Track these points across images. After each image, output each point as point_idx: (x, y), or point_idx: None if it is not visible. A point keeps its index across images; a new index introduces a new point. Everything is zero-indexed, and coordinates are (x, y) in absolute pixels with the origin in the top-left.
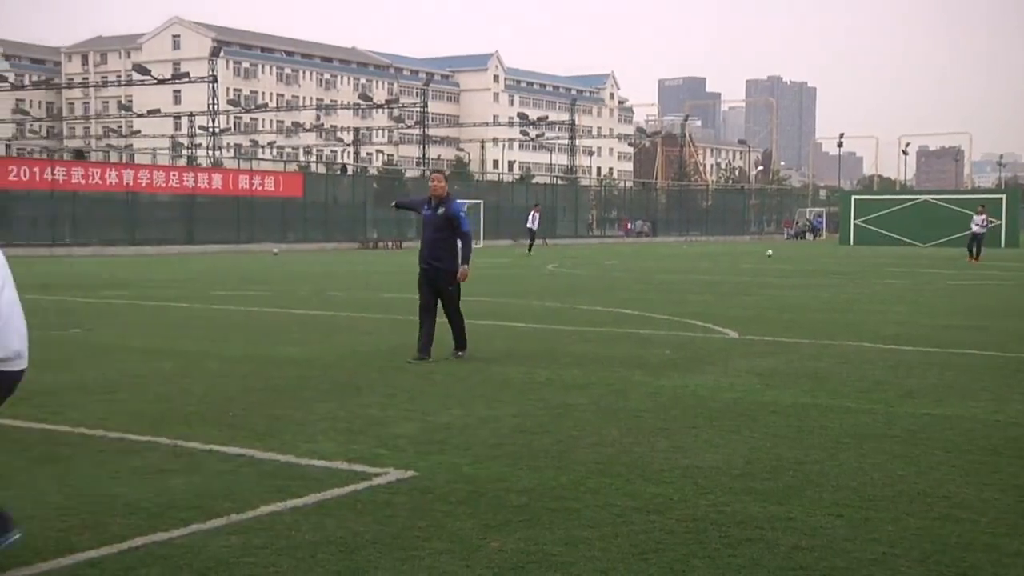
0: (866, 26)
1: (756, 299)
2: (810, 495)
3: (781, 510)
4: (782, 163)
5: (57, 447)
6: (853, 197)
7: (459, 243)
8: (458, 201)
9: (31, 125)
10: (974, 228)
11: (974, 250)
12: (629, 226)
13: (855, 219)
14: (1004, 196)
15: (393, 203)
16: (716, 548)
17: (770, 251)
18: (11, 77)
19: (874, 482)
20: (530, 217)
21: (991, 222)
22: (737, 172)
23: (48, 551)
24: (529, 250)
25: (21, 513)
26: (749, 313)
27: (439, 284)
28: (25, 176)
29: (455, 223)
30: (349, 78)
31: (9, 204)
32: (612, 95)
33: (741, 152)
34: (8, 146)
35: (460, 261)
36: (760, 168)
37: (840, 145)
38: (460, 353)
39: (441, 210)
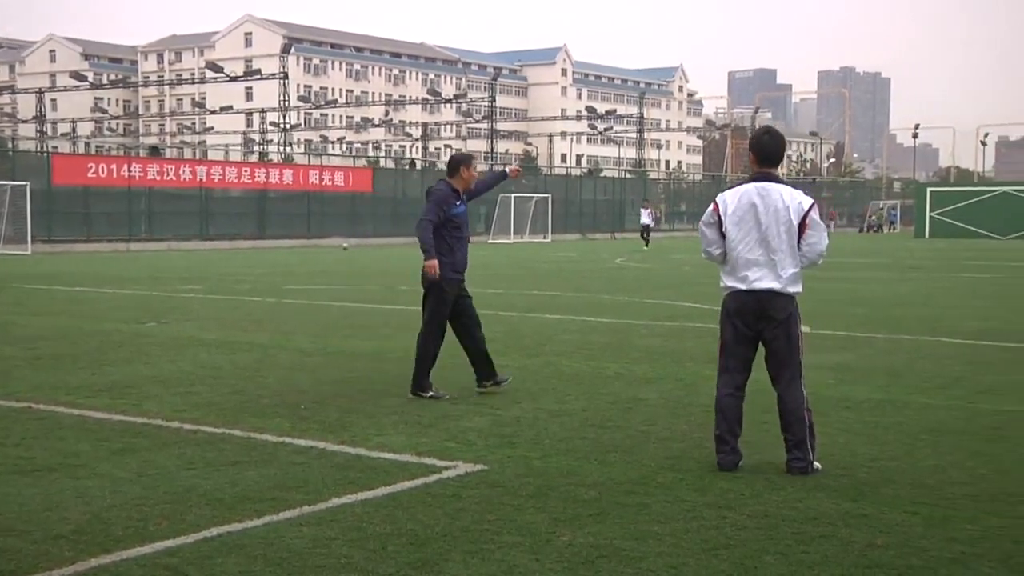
0: (942, 12)
1: (828, 293)
2: (886, 492)
3: (855, 507)
4: (855, 155)
5: (135, 438)
6: (929, 189)
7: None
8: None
9: (109, 123)
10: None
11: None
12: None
13: (931, 211)
14: None
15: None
16: (788, 544)
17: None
18: (90, 76)
19: (953, 480)
20: (643, 213)
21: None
22: (808, 164)
23: (128, 539)
24: (646, 244)
25: (101, 503)
26: (820, 308)
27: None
28: (103, 173)
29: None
30: (417, 73)
31: (88, 200)
32: (681, 88)
33: (813, 144)
34: (87, 144)
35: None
36: (832, 160)
37: (915, 136)
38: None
39: (465, 204)
